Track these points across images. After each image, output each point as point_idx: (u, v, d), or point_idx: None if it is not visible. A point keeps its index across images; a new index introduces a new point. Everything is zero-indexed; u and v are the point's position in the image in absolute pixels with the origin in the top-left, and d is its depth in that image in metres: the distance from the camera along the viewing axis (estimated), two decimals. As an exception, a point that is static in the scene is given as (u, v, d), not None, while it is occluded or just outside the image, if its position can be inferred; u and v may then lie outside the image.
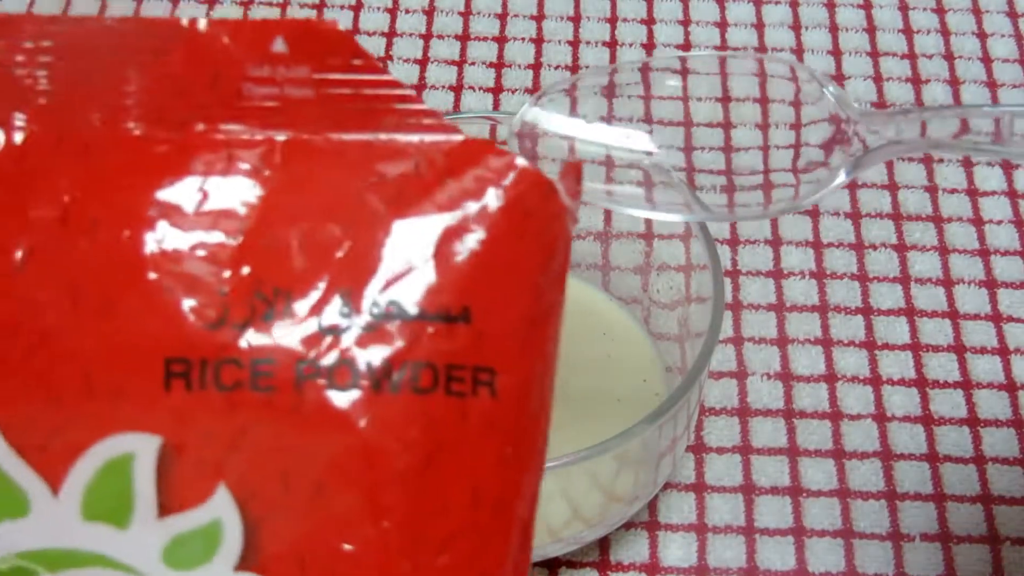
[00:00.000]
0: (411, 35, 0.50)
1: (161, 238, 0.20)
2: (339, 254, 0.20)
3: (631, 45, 0.50)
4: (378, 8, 0.51)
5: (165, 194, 0.20)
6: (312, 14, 0.51)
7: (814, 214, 0.45)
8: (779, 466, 0.39)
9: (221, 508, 0.20)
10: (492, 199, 0.21)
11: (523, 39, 0.50)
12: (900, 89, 0.49)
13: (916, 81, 0.49)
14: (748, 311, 0.43)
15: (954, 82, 0.49)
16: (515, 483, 0.21)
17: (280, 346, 0.20)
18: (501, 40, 0.50)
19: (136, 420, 0.20)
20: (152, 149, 0.20)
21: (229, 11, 0.51)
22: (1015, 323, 0.43)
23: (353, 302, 0.20)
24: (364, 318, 0.20)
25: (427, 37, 0.50)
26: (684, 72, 0.33)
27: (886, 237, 0.45)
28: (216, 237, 0.20)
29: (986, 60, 0.50)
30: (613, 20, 0.51)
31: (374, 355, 0.20)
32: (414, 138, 0.21)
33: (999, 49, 0.51)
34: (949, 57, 0.50)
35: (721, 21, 0.51)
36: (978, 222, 0.45)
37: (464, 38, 0.50)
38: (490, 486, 0.20)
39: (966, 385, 0.41)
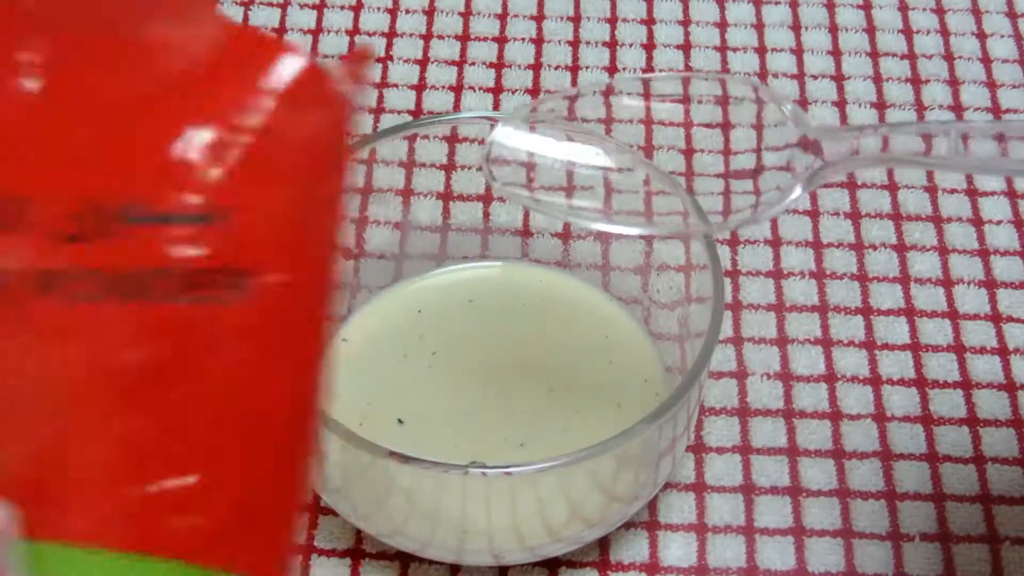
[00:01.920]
0: (411, 35, 0.50)
1: None
2: (88, 157, 0.19)
3: (631, 45, 0.50)
4: (378, 8, 0.51)
5: None
6: (312, 15, 0.51)
7: (814, 214, 0.45)
8: (779, 466, 0.39)
9: None
10: (262, 92, 0.19)
11: (523, 39, 0.50)
12: (900, 89, 0.49)
13: (916, 81, 0.49)
14: (748, 311, 0.43)
15: (954, 82, 0.49)
16: (276, 388, 0.20)
17: (19, 256, 0.18)
18: (501, 40, 0.50)
19: None
20: None
21: (229, 11, 0.51)
22: (1014, 323, 0.43)
23: (101, 208, 0.19)
24: (111, 224, 0.19)
25: (427, 37, 0.50)
26: (647, 95, 0.33)
27: (886, 237, 0.45)
28: None
29: (986, 60, 0.50)
30: (613, 20, 0.51)
31: (118, 263, 0.19)
32: (184, 31, 0.19)
33: (999, 49, 0.51)
34: (949, 58, 0.50)
35: (721, 21, 0.51)
36: (978, 222, 0.45)
37: (464, 38, 0.50)
38: (245, 393, 0.19)
39: (966, 385, 0.41)
